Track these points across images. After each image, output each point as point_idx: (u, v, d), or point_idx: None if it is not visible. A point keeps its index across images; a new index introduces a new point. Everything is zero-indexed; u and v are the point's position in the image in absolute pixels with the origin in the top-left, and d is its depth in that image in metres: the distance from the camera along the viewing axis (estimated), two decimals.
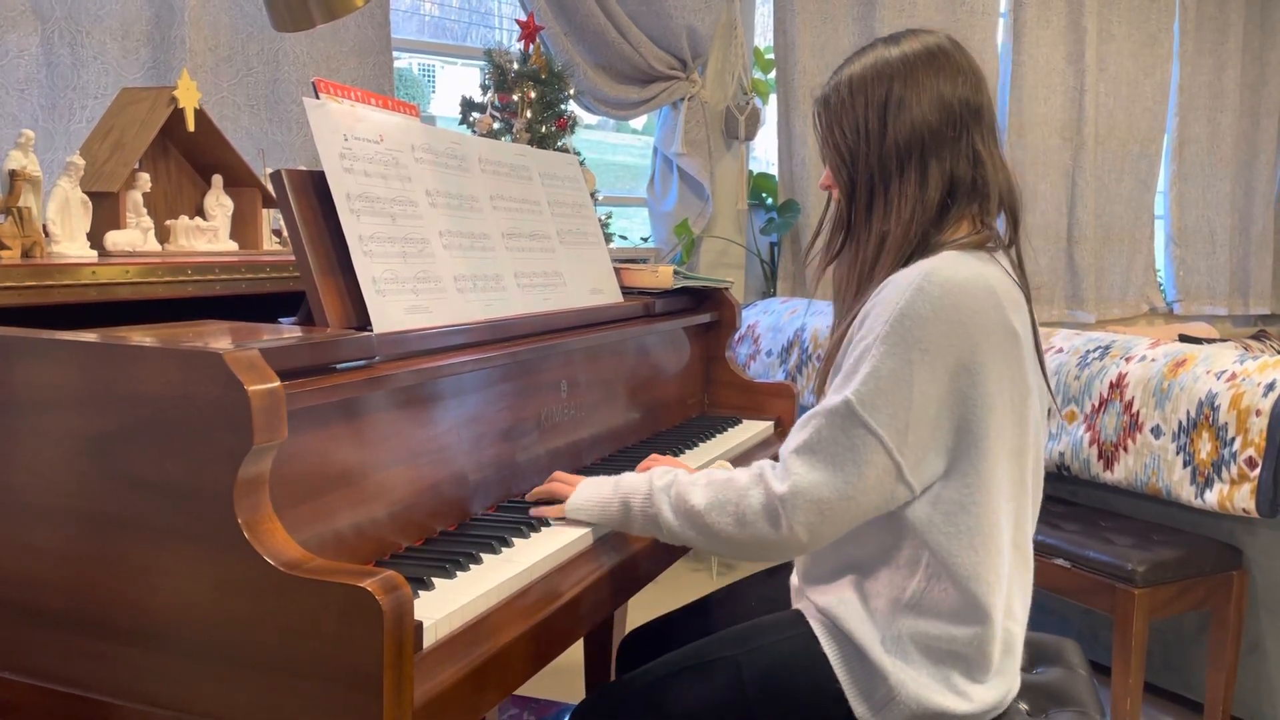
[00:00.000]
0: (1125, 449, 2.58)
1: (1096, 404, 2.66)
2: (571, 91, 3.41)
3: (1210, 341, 4.23)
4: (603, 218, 3.43)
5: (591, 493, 1.41)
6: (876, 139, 1.34)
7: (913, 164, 1.33)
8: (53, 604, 1.11)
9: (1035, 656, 1.58)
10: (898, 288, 1.26)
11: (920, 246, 1.32)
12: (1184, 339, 4.13)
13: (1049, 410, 1.41)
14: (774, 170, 4.30)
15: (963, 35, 1.42)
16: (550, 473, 1.55)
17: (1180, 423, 2.47)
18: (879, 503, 1.26)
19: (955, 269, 1.26)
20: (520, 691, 2.48)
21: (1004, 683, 1.32)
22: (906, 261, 1.31)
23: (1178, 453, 2.47)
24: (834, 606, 1.33)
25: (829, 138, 1.39)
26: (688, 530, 1.32)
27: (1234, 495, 2.36)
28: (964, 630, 1.27)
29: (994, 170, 1.35)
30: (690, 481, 1.34)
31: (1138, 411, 2.56)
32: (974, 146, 1.34)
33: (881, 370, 1.23)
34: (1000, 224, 1.37)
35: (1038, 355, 1.35)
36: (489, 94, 3.27)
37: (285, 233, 1.67)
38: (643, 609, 2.02)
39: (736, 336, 2.34)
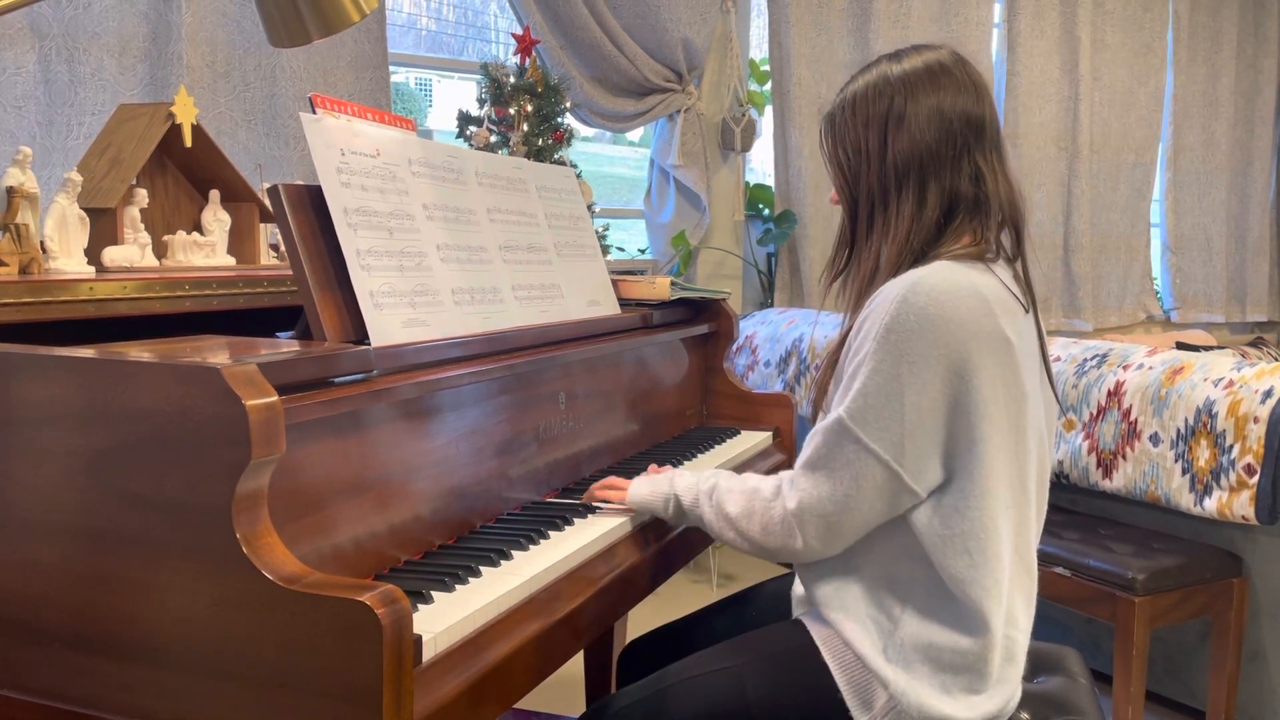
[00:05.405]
0: (1124, 457, 2.58)
1: (1095, 412, 2.66)
2: (568, 104, 3.41)
3: (1207, 349, 4.24)
4: (600, 230, 3.44)
5: (650, 488, 1.53)
6: (876, 158, 1.36)
7: (911, 184, 1.34)
8: (51, 621, 1.11)
9: (1036, 665, 1.58)
10: (885, 299, 1.27)
11: (918, 260, 1.33)
12: (1181, 346, 4.13)
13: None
14: (770, 181, 4.30)
15: (957, 46, 1.42)
16: (549, 485, 1.56)
17: (1178, 430, 2.47)
18: (884, 509, 1.29)
19: (942, 277, 1.27)
20: (520, 705, 2.47)
21: (1005, 691, 1.32)
22: (901, 272, 1.32)
23: (1176, 460, 2.47)
24: (835, 615, 1.33)
25: (834, 156, 1.41)
26: (728, 533, 1.41)
27: (1233, 502, 2.36)
28: (965, 639, 1.27)
29: (996, 185, 1.35)
30: (729, 488, 1.42)
31: (1136, 419, 2.56)
32: (975, 163, 1.34)
33: (870, 386, 1.25)
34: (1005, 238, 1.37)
35: (1045, 365, 1.36)
36: (485, 107, 3.27)
37: (283, 247, 1.68)
38: (643, 620, 2.01)
39: (734, 347, 2.34)
